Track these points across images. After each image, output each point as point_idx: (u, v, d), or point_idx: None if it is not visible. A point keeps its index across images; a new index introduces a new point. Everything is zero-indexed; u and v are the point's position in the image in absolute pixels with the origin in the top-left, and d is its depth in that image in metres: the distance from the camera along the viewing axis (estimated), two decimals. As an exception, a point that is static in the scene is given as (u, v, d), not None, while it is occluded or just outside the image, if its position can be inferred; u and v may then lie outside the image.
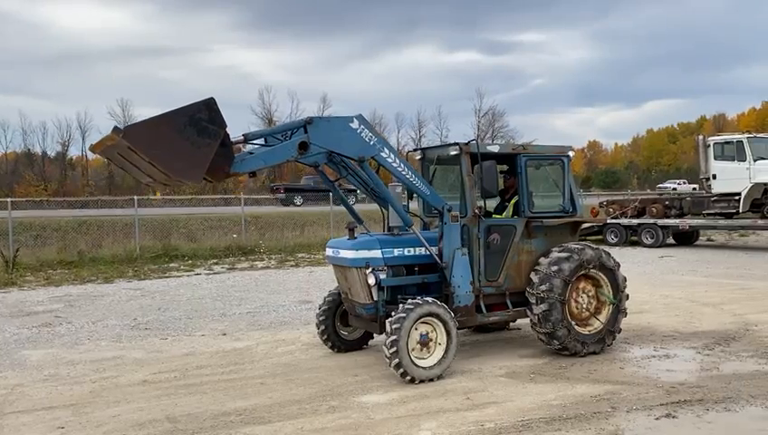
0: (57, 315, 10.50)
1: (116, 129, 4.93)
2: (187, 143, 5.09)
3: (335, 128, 6.15)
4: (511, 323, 8.42)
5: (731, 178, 19.22)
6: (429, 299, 6.36)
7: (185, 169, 5.17)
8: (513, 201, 7.45)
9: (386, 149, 6.43)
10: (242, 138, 5.84)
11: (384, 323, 6.32)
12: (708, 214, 20.11)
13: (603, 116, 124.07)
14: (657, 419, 5.18)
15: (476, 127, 71.66)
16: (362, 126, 6.26)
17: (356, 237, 6.83)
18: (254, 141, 6.18)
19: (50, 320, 10.10)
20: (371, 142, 6.30)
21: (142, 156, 5.02)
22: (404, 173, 6.53)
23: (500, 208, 7.59)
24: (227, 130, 5.40)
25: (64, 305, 11.45)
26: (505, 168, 7.71)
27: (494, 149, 7.17)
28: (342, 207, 7.49)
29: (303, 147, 5.91)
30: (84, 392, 6.29)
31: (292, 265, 17.42)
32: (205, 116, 5.19)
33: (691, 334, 8.15)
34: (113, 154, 5.38)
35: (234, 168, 5.65)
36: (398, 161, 6.48)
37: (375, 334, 7.32)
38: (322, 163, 6.26)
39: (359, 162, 6.30)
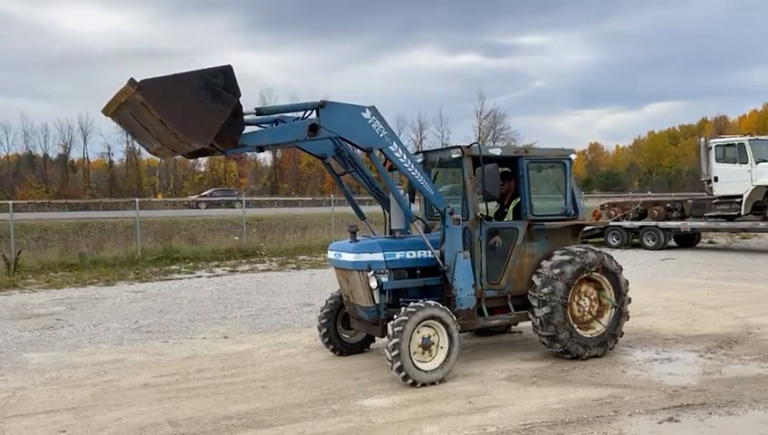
0: (58, 318, 10.50)
1: (132, 81, 4.90)
2: (200, 106, 5.09)
3: (347, 115, 6.17)
4: (512, 327, 8.41)
5: (732, 180, 19.20)
6: (431, 302, 6.34)
7: (195, 130, 5.14)
8: (512, 205, 7.45)
9: (395, 143, 6.44)
10: (254, 111, 5.86)
11: (386, 326, 6.31)
12: (710, 216, 20.09)
13: (604, 118, 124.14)
14: (659, 422, 5.16)
15: (477, 129, 71.72)
16: (374, 117, 6.28)
17: (358, 240, 6.83)
18: (265, 120, 6.19)
19: (51, 323, 10.10)
20: (381, 135, 6.31)
21: (154, 112, 4.97)
22: (410, 169, 6.52)
23: (500, 214, 7.58)
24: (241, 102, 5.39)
25: (66, 308, 11.46)
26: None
27: (496, 152, 7.17)
28: (343, 210, 7.51)
29: (313, 129, 5.94)
30: (86, 396, 6.28)
31: (293, 268, 17.42)
32: (221, 82, 5.18)
33: (693, 337, 8.14)
34: (124, 115, 5.31)
35: (242, 139, 5.65)
36: (405, 157, 6.48)
37: (377, 338, 7.31)
38: (330, 156, 6.27)
39: (367, 152, 6.31)
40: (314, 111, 6.04)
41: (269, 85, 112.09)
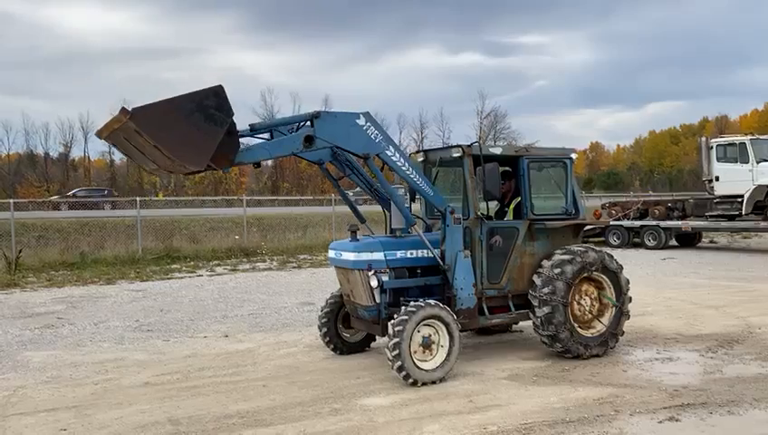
0: (59, 317, 10.51)
1: (123, 110, 4.90)
2: (194, 129, 5.08)
3: (342, 123, 6.16)
4: (513, 326, 8.41)
5: (733, 180, 19.20)
6: (432, 302, 6.34)
7: (190, 154, 5.15)
8: (513, 205, 7.44)
9: (391, 147, 6.43)
10: (248, 128, 5.86)
11: (386, 325, 6.31)
12: (711, 216, 20.08)
13: (605, 117, 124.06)
14: (660, 422, 5.16)
15: (478, 129, 71.72)
16: (369, 123, 6.27)
17: (358, 239, 6.82)
18: (260, 133, 6.20)
19: (52, 321, 10.10)
20: (377, 140, 6.30)
21: (148, 139, 4.98)
22: (408, 172, 6.52)
23: (500, 213, 7.58)
24: (234, 119, 5.40)
25: (67, 307, 11.47)
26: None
27: (497, 151, 7.17)
28: (344, 209, 7.51)
29: (309, 140, 5.93)
30: (87, 394, 6.29)
31: (294, 267, 17.43)
32: (212, 103, 5.18)
33: (694, 337, 8.13)
34: (119, 139, 5.35)
35: (238, 157, 5.65)
36: (402, 160, 6.48)
37: (377, 337, 7.31)
38: (326, 161, 6.28)
39: (364, 159, 6.30)
40: (309, 122, 6.01)
41: (270, 85, 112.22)
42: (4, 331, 9.43)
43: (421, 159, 7.79)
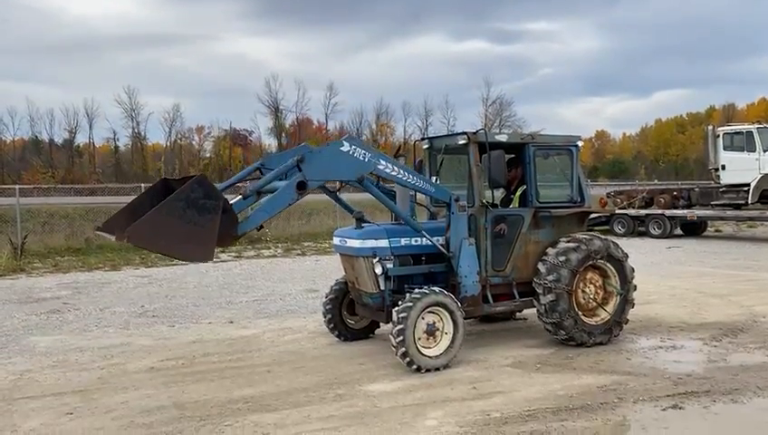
0: (65, 302, 10.57)
1: (119, 235, 5.07)
2: (191, 225, 5.12)
3: (328, 157, 6.09)
4: (517, 314, 8.42)
5: (740, 168, 19.11)
6: (436, 289, 6.35)
7: (194, 251, 5.27)
8: (518, 193, 7.42)
9: (382, 160, 6.39)
10: (240, 197, 5.81)
11: (391, 312, 6.32)
12: (717, 205, 20.01)
13: (611, 106, 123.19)
14: (663, 410, 5.17)
15: (484, 116, 71.47)
16: (353, 146, 6.19)
17: (363, 227, 6.82)
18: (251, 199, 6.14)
19: (58, 307, 10.16)
20: (366, 159, 6.24)
21: (151, 250, 5.21)
22: (405, 178, 6.51)
23: (506, 201, 7.56)
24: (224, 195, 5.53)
25: (72, 292, 11.53)
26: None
27: (503, 138, 7.13)
28: (348, 196, 7.50)
29: (302, 186, 5.86)
30: (92, 379, 6.34)
31: (298, 254, 17.47)
32: (200, 194, 5.20)
33: (698, 326, 8.13)
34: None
35: (240, 228, 5.67)
36: (396, 169, 6.45)
37: (381, 323, 7.33)
38: None
39: (359, 182, 6.27)
40: (296, 168, 5.92)
41: (274, 71, 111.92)
42: (10, 316, 9.49)
43: (426, 146, 7.76)
